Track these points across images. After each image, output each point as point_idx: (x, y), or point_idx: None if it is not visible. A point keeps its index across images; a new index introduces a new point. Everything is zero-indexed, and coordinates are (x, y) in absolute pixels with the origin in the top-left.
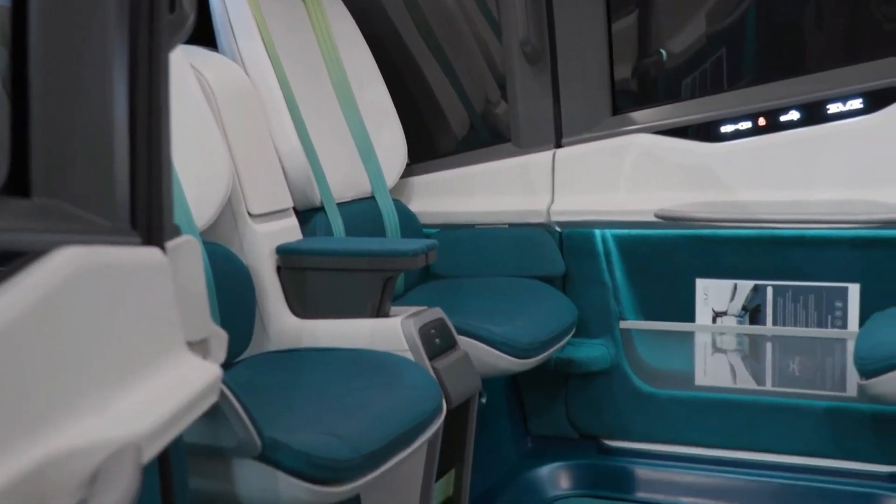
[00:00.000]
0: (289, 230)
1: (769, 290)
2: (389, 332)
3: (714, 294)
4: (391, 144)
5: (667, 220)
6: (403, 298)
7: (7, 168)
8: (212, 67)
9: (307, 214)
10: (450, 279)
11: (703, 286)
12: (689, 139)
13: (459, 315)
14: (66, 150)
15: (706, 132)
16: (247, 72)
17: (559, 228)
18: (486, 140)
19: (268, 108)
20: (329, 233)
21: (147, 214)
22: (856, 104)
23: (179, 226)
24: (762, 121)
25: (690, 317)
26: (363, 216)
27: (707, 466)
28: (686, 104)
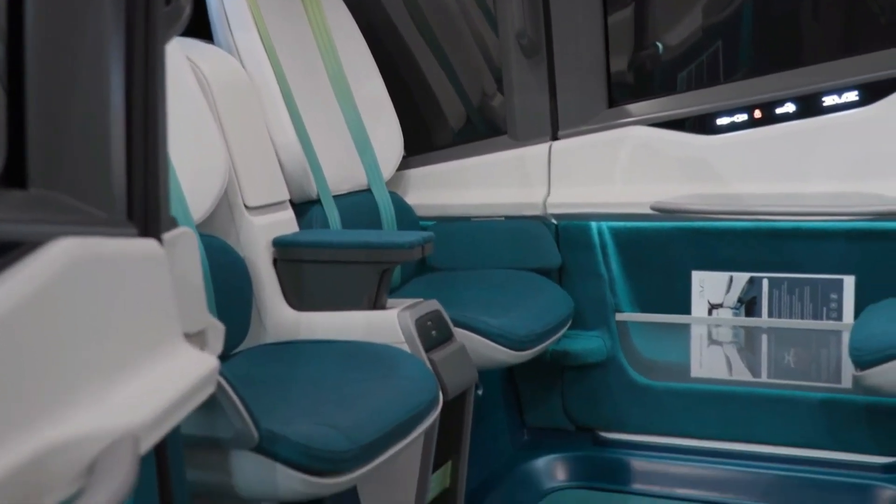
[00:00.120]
0: (285, 223)
1: (765, 283)
2: (386, 325)
3: (710, 286)
4: (387, 137)
5: (663, 213)
6: (400, 291)
7: (3, 159)
8: (208, 60)
9: (303, 207)
10: (446, 271)
11: (699, 278)
12: (685, 132)
13: (456, 307)
14: (63, 142)
15: (702, 125)
16: (243, 64)
17: (555, 221)
18: (483, 132)
19: (264, 101)
20: (325, 225)
21: (143, 206)
22: (851, 96)
23: (176, 218)
24: (758, 113)
25: (686, 309)
26: (359, 209)
27: (703, 458)
28: (682, 97)
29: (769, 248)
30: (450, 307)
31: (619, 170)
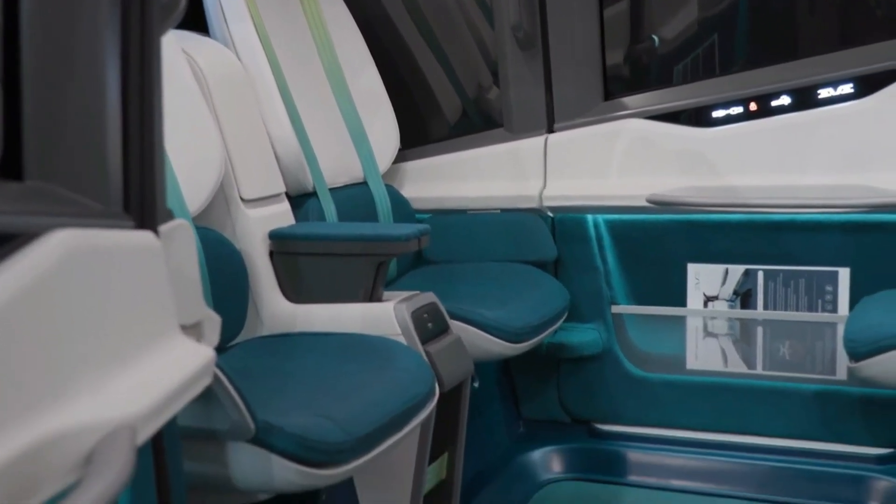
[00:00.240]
0: (281, 215)
1: (760, 275)
2: (382, 317)
3: (705, 278)
4: (383, 130)
5: (658, 205)
6: (396, 283)
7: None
8: (203, 52)
9: (299, 200)
10: (442, 264)
11: (695, 271)
12: (681, 124)
13: (452, 300)
14: (59, 134)
15: (698, 117)
16: (239, 57)
17: (551, 213)
18: (479, 125)
19: (260, 94)
20: (321, 218)
21: (140, 198)
22: (846, 89)
23: (172, 210)
24: (753, 106)
25: (682, 301)
26: (355, 201)
27: (698, 449)
28: (678, 89)
29: (764, 241)
30: (446, 299)
31: (615, 162)
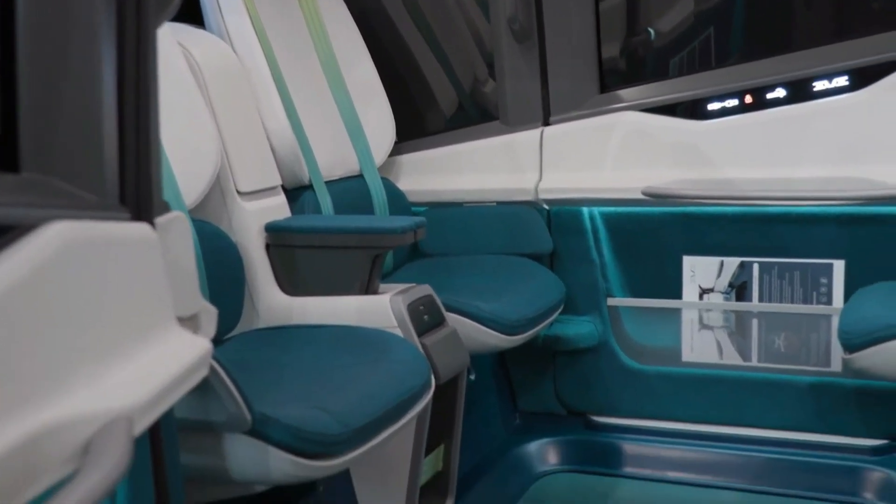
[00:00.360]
0: (277, 208)
1: (755, 267)
2: (378, 309)
3: (701, 271)
4: (379, 122)
5: (654, 198)
6: (392, 276)
7: None
8: (199, 45)
9: (296, 192)
10: (438, 257)
11: (690, 263)
12: (677, 117)
13: (448, 292)
14: (55, 126)
15: (693, 110)
16: (234, 49)
17: (547, 206)
18: (474, 118)
19: (256, 86)
20: (317, 211)
21: (136, 190)
22: (841, 81)
23: (168, 203)
24: (749, 98)
25: (677, 294)
26: (351, 194)
27: (693, 441)
28: (673, 82)
29: (760, 233)
30: (442, 292)
31: (611, 155)
